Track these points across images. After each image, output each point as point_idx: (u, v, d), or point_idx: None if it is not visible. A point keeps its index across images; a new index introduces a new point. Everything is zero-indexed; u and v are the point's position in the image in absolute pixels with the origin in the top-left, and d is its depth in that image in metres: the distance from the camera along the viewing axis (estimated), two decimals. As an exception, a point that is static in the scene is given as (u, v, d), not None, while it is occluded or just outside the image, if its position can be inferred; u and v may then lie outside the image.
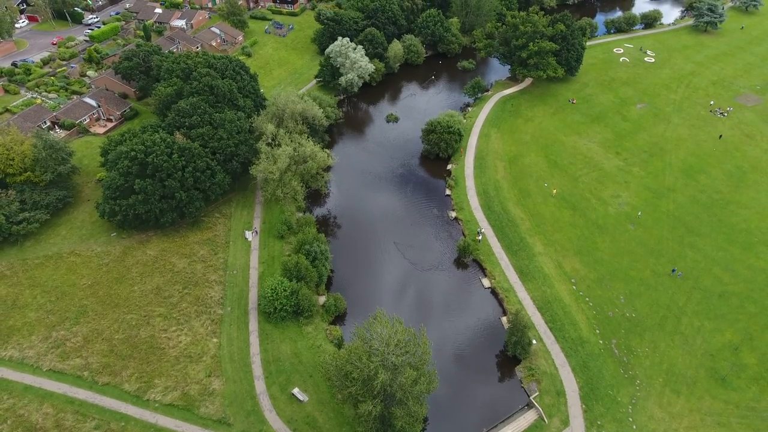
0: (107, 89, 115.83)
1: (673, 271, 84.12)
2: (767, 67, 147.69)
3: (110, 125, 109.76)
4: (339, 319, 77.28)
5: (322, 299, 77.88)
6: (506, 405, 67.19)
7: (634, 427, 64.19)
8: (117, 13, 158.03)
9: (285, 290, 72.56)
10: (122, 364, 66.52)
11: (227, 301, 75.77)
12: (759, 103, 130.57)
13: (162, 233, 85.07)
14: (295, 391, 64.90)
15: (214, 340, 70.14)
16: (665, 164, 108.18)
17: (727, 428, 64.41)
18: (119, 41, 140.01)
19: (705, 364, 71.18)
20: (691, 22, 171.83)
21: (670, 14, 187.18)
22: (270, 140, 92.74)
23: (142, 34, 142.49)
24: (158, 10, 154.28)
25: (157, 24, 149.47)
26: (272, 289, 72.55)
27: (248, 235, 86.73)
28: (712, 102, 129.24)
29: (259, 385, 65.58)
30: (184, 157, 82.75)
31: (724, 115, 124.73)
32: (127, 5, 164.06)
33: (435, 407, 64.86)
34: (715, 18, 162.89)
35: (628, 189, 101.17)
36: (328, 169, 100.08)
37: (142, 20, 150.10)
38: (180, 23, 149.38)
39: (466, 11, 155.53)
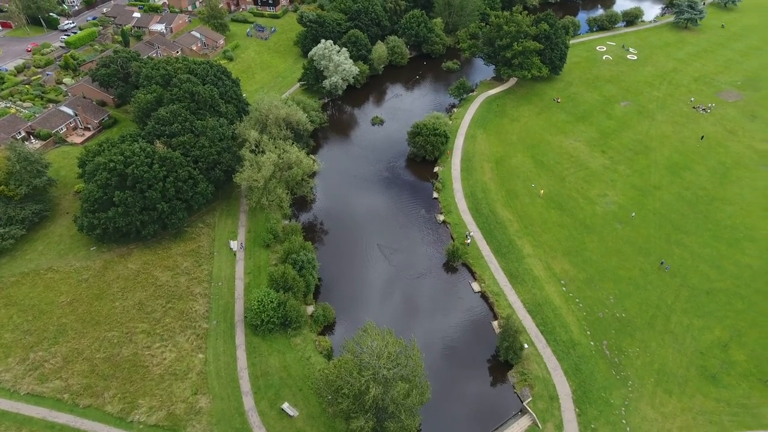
0: (84, 97, 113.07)
1: (662, 263, 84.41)
2: (747, 63, 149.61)
3: (88, 134, 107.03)
4: (328, 329, 75.91)
5: (310, 309, 76.45)
6: (500, 412, 66.51)
7: (628, 429, 63.88)
8: (94, 18, 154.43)
9: (272, 302, 70.99)
10: (104, 384, 64.32)
11: (213, 315, 73.93)
12: (740, 98, 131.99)
13: (144, 246, 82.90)
14: (285, 406, 63.43)
15: (200, 355, 68.31)
16: (650, 162, 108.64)
17: (719, 426, 64.45)
18: (96, 47, 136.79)
19: (695, 363, 71.25)
20: (671, 19, 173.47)
21: (651, 11, 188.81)
22: (254, 147, 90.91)
23: (120, 39, 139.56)
24: (137, 15, 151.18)
25: (136, 29, 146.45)
26: (259, 301, 70.95)
27: (233, 245, 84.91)
28: (692, 99, 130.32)
29: (248, 401, 63.96)
30: (165, 167, 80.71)
31: (706, 112, 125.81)
32: (105, 10, 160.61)
33: (428, 417, 63.86)
34: (695, 15, 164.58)
35: (614, 188, 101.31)
36: (313, 174, 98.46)
37: (120, 25, 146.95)
38: (159, 27, 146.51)
39: (449, 11, 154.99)
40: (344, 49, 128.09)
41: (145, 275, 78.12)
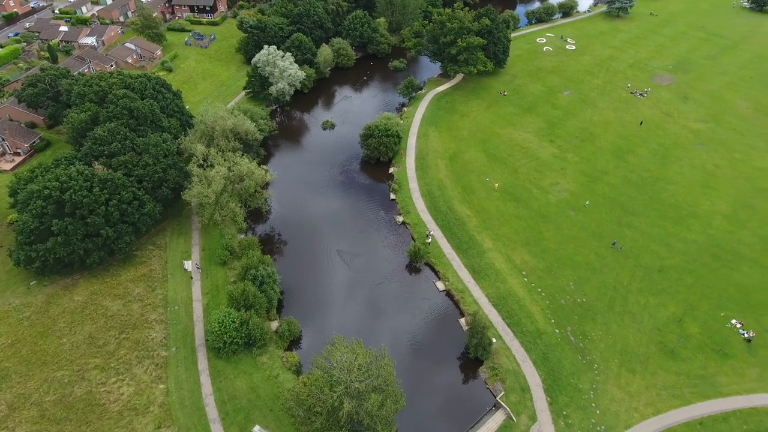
0: (11, 120, 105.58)
1: (614, 244, 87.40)
2: (676, 47, 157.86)
3: (18, 159, 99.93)
4: (294, 343, 73.80)
5: (274, 325, 74.10)
6: (474, 409, 66.65)
7: (598, 412, 65.55)
8: (16, 35, 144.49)
9: (233, 321, 68.20)
10: (57, 429, 59.64)
11: (171, 341, 70.29)
12: (672, 81, 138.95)
13: (90, 275, 77.92)
14: (256, 429, 61.02)
15: (161, 386, 64.70)
16: (596, 148, 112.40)
17: (681, 399, 67.13)
18: (21, 65, 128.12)
19: (654, 340, 73.99)
20: (604, 8, 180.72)
21: (585, 1, 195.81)
22: (201, 161, 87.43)
23: (47, 55, 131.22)
24: (64, 28, 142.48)
25: (64, 43, 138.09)
26: (219, 322, 67.99)
27: (187, 265, 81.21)
28: (629, 84, 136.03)
29: (216, 429, 61.06)
30: (106, 190, 76.15)
31: (643, 96, 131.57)
32: (27, 25, 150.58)
33: (404, 423, 63.12)
34: (625, 3, 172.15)
35: (565, 176, 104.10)
36: (266, 185, 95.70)
37: (46, 40, 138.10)
38: (90, 41, 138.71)
39: (391, 11, 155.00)
40: (288, 53, 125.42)
41: (93, 306, 73.37)
